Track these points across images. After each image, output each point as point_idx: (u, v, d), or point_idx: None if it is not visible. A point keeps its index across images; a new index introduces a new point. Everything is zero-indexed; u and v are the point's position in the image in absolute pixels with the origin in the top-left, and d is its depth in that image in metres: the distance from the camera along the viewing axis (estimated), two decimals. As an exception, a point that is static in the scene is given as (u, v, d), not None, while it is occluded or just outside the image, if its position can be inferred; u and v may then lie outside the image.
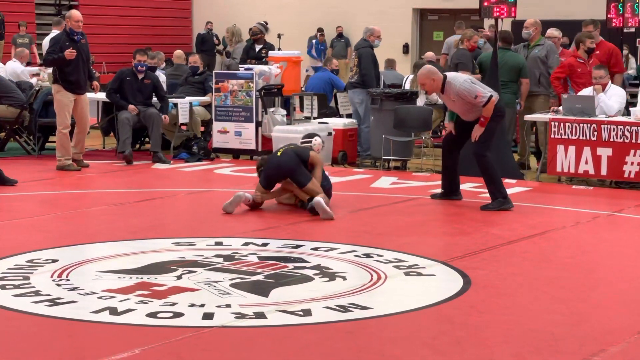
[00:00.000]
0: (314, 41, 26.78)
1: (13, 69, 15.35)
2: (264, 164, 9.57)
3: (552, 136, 11.35)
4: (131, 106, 12.54)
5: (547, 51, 12.58)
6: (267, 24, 17.16)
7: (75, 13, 12.24)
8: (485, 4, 11.85)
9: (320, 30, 27.50)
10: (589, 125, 11.16)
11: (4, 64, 15.98)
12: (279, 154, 9.55)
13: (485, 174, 9.80)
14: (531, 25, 12.65)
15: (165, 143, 13.15)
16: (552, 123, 11.35)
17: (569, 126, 11.25)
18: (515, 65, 12.39)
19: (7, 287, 6.47)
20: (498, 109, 9.74)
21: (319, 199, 9.08)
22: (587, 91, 11.87)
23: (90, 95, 12.48)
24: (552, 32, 13.12)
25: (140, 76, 12.67)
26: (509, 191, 10.79)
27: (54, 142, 12.34)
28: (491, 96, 9.56)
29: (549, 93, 12.60)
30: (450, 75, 9.76)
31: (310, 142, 9.89)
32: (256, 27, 16.80)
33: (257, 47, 16.52)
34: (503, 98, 11.98)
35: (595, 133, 11.12)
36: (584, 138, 11.18)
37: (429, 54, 16.70)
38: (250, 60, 15.84)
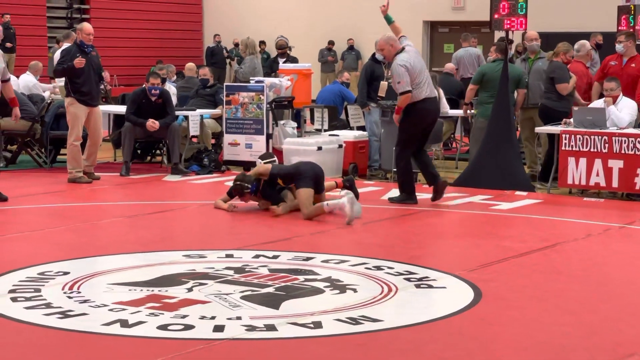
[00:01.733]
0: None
1: (25, 82, 15.41)
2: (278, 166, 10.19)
3: (563, 148, 11.34)
4: (149, 123, 12.54)
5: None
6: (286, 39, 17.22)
7: (86, 26, 12.31)
8: (496, 16, 11.87)
9: (331, 42, 27.53)
10: (600, 137, 11.14)
11: (17, 76, 16.03)
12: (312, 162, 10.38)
13: (397, 168, 10.70)
14: (537, 39, 12.63)
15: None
16: (563, 135, 11.34)
17: (579, 138, 11.24)
18: (515, 76, 12.40)
19: (18, 299, 6.49)
20: (420, 110, 10.33)
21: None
22: (598, 103, 11.86)
23: (102, 107, 12.53)
24: (586, 44, 13.04)
25: (154, 99, 12.71)
26: (520, 203, 10.81)
27: (66, 154, 12.38)
28: (408, 92, 10.18)
29: None
30: (402, 53, 10.44)
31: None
32: (282, 40, 16.81)
33: (281, 61, 16.54)
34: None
35: (607, 145, 11.09)
36: (595, 150, 11.16)
37: (449, 66, 16.78)
38: (274, 74, 15.85)
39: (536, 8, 16.94)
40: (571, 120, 11.58)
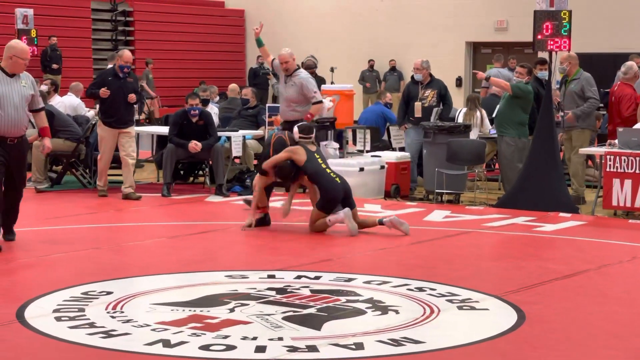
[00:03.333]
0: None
1: (71, 102, 15.58)
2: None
3: (608, 170, 11.23)
4: (191, 144, 12.62)
5: (582, 85, 12.38)
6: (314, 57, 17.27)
7: (126, 53, 12.56)
8: (539, 37, 11.80)
9: (370, 60, 27.54)
10: (645, 158, 11.02)
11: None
12: (338, 180, 10.10)
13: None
14: (565, 60, 12.50)
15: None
16: (608, 156, 11.24)
17: (624, 159, 11.13)
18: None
19: (62, 318, 6.54)
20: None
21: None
22: (643, 124, 11.76)
23: (145, 128, 12.67)
24: (633, 66, 12.95)
25: (195, 119, 12.79)
26: (564, 225, 10.72)
27: (112, 175, 12.59)
28: (322, 100, 11.54)
29: (587, 126, 12.44)
30: (301, 69, 11.98)
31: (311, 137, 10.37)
32: (310, 60, 16.87)
33: None
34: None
35: (652, 166, 10.98)
36: (641, 171, 11.05)
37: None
38: None
39: (580, 29, 16.84)
40: (616, 141, 11.47)
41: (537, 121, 12.00)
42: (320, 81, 16.52)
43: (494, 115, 12.68)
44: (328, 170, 10.15)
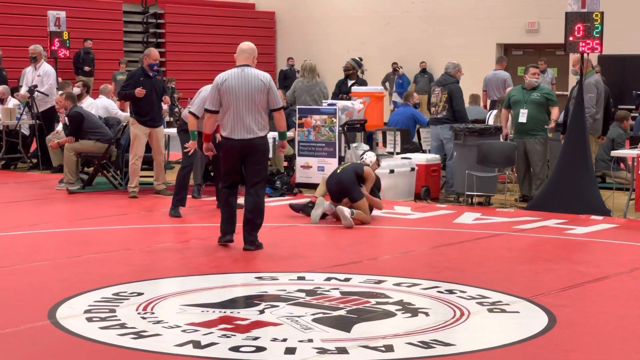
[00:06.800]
0: None
1: (103, 103, 15.67)
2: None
3: (640, 172, 11.17)
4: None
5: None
6: (361, 60, 17.26)
7: (153, 51, 12.79)
8: (571, 38, 11.73)
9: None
10: (677, 160, 10.94)
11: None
12: (338, 170, 10.97)
13: None
14: (577, 63, 12.35)
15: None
16: (640, 159, 11.17)
17: (657, 162, 11.05)
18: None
19: (93, 319, 6.58)
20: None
21: (343, 207, 10.48)
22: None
23: (176, 130, 12.77)
24: None
25: None
26: (595, 228, 10.64)
27: (143, 177, 12.66)
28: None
29: (590, 131, 12.22)
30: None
31: (363, 157, 11.37)
32: (349, 63, 16.89)
33: (349, 83, 16.58)
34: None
35: (685, 169, 10.90)
36: (673, 174, 10.97)
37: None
38: (342, 95, 15.90)
39: (612, 30, 16.72)
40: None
41: (568, 123, 11.93)
42: (361, 84, 16.49)
43: (519, 120, 12.56)
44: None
